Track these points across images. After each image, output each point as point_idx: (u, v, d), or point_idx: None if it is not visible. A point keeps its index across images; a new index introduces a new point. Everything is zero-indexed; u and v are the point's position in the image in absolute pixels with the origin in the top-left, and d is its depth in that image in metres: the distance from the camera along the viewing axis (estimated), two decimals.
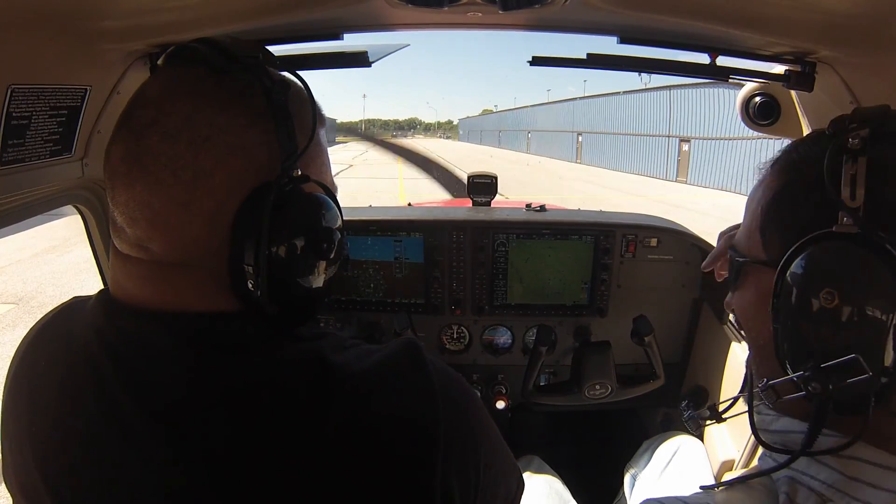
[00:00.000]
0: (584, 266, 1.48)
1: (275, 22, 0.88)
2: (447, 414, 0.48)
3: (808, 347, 0.46)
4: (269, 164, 0.47)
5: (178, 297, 0.47)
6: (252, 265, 0.46)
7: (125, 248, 0.48)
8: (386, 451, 0.45)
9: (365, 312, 1.53)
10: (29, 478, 0.49)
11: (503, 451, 0.58)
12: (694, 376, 1.59)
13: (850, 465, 0.45)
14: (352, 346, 0.52)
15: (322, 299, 0.54)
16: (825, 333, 0.44)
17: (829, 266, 0.44)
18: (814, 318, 0.44)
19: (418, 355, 0.50)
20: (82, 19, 0.71)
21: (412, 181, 17.04)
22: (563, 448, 1.26)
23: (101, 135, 0.88)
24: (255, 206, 0.46)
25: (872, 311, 0.42)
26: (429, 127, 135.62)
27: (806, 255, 0.45)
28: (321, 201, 0.51)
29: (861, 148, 0.44)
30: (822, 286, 0.44)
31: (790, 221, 0.49)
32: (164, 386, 0.46)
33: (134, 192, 0.45)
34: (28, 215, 0.84)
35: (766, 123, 1.09)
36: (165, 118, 0.46)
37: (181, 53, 0.50)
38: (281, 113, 0.48)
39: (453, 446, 0.48)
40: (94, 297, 0.53)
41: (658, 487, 1.26)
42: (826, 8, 0.69)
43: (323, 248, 0.50)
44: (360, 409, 0.46)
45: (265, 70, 0.49)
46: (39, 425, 0.50)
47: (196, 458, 0.44)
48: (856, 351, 0.42)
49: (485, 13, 0.86)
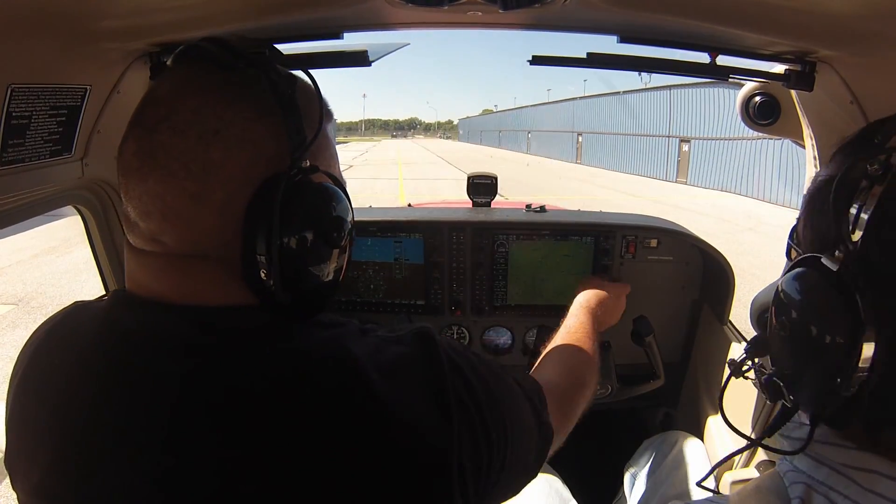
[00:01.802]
0: (584, 267, 1.48)
1: (275, 21, 0.88)
2: (459, 416, 0.49)
3: (775, 357, 0.50)
4: (278, 156, 0.48)
5: (193, 288, 0.48)
6: (265, 255, 0.47)
7: (139, 242, 0.49)
8: (399, 454, 0.46)
9: (365, 313, 1.53)
10: (46, 480, 0.49)
11: (520, 427, 0.59)
12: (694, 376, 1.59)
13: (868, 478, 0.44)
14: (369, 332, 0.53)
15: (334, 289, 0.55)
16: (780, 351, 0.48)
17: (797, 294, 0.45)
18: (777, 334, 0.47)
19: (433, 352, 0.52)
20: (82, 19, 0.71)
21: (412, 182, 17.03)
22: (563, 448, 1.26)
23: (101, 134, 0.87)
24: (266, 196, 0.47)
25: (817, 346, 0.43)
26: (429, 127, 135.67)
27: (792, 276, 0.46)
28: (331, 191, 0.53)
29: (881, 174, 0.40)
30: (787, 310, 0.46)
31: (817, 224, 0.48)
32: (185, 376, 0.46)
33: (147, 186, 0.47)
34: (28, 215, 0.84)
35: (766, 123, 1.09)
36: (175, 114, 0.47)
37: (189, 52, 0.51)
38: (288, 106, 0.49)
39: (464, 441, 0.49)
40: (109, 296, 0.53)
41: (658, 487, 1.26)
42: (826, 8, 0.69)
43: (334, 237, 0.51)
44: (376, 406, 0.46)
45: (271, 65, 0.50)
46: (55, 427, 0.49)
47: (219, 451, 0.44)
48: (796, 375, 0.46)
49: (485, 12, 0.86)
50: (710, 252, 1.45)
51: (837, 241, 0.42)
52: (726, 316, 1.47)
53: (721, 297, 1.46)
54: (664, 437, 1.40)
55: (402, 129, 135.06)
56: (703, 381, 1.54)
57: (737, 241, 8.01)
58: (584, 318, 1.06)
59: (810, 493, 0.46)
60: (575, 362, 0.92)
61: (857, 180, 0.42)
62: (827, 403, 0.43)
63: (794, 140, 1.07)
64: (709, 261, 1.49)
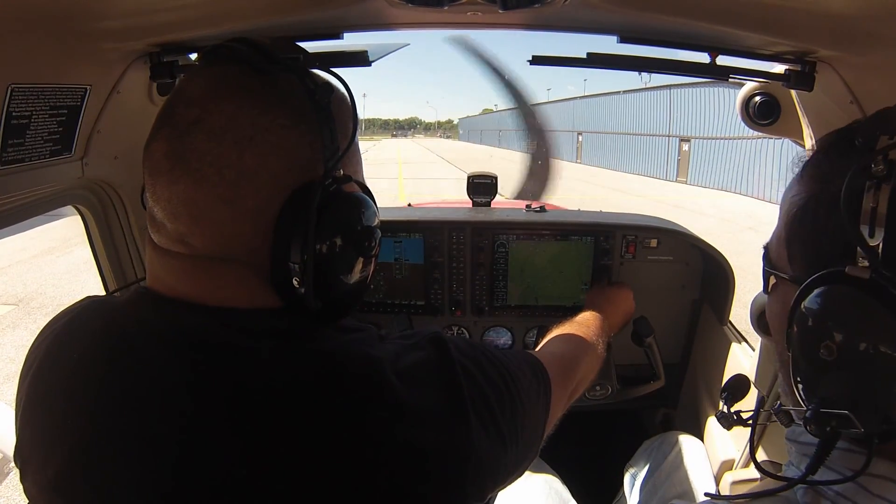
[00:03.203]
0: (583, 267, 1.48)
1: (275, 21, 0.88)
2: (475, 415, 0.51)
3: (812, 387, 0.44)
4: (311, 164, 0.49)
5: (218, 290, 0.48)
6: (298, 263, 0.47)
7: (165, 242, 0.49)
8: (421, 453, 0.47)
9: (365, 313, 1.53)
10: (62, 475, 0.48)
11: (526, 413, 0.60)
12: (694, 377, 1.59)
13: (879, 484, 0.44)
14: (387, 338, 0.54)
15: (361, 294, 0.56)
16: (827, 380, 0.43)
17: (835, 313, 0.42)
18: (818, 362, 0.43)
19: (448, 357, 0.53)
20: (82, 19, 0.71)
21: (412, 181, 17.03)
22: (563, 448, 1.26)
23: (101, 134, 0.87)
24: (299, 205, 0.47)
25: (876, 364, 0.40)
26: (429, 126, 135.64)
27: (816, 295, 0.43)
28: (363, 200, 0.53)
29: (887, 173, 0.39)
30: (827, 333, 0.42)
31: (812, 241, 0.46)
32: (210, 376, 0.46)
33: (177, 189, 0.46)
34: (28, 215, 0.84)
35: (766, 123, 1.09)
36: (210, 117, 0.46)
37: (221, 52, 0.51)
38: (324, 115, 0.49)
39: (480, 437, 0.51)
40: (131, 292, 0.53)
41: (658, 487, 1.26)
42: (826, 8, 0.69)
43: (366, 246, 0.52)
44: (396, 410, 0.47)
45: (307, 72, 0.51)
46: (76, 422, 0.49)
47: (243, 449, 0.44)
48: (858, 399, 0.41)
49: (485, 12, 0.85)
50: (710, 252, 1.45)
51: (849, 249, 0.41)
52: (726, 316, 1.47)
53: (721, 297, 1.46)
54: (664, 438, 1.40)
55: (402, 129, 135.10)
56: (703, 381, 1.54)
57: (737, 240, 8.01)
58: (592, 318, 1.06)
59: (818, 499, 0.46)
60: (577, 343, 0.93)
61: (860, 184, 0.40)
62: (894, 418, 0.41)
63: (794, 140, 1.07)
64: (709, 261, 1.49)
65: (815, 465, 0.46)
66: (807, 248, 0.47)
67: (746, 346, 1.40)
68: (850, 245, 0.41)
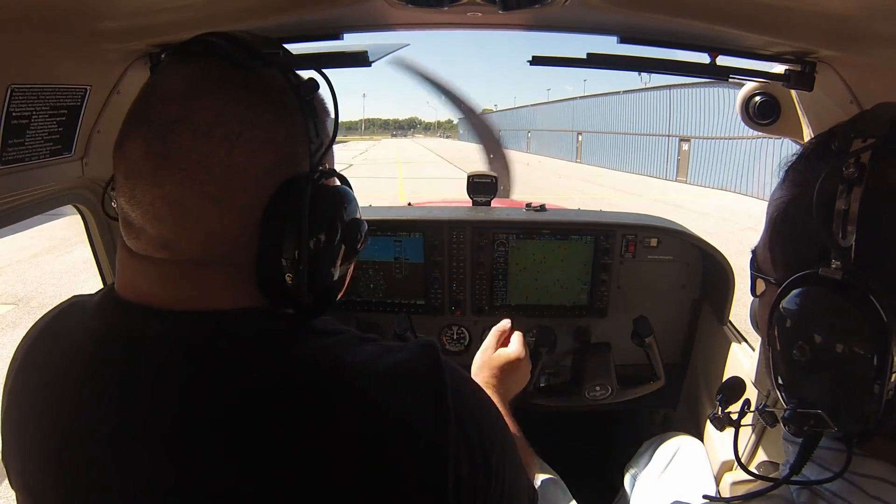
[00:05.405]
0: (583, 266, 1.48)
1: (275, 22, 0.88)
2: (458, 429, 0.47)
3: (791, 387, 0.46)
4: (297, 158, 0.48)
5: (200, 295, 0.47)
6: (291, 258, 0.46)
7: (145, 248, 0.47)
8: (395, 464, 0.45)
9: (365, 313, 1.53)
10: (37, 480, 0.48)
11: (516, 466, 0.57)
12: (694, 377, 1.59)
13: (875, 485, 0.44)
14: (370, 341, 0.51)
15: (342, 288, 0.55)
16: (803, 379, 0.44)
17: (808, 314, 0.43)
18: (794, 362, 0.44)
19: (436, 362, 0.50)
20: (82, 19, 0.71)
21: (412, 181, 17.03)
22: (563, 448, 1.26)
23: (101, 134, 0.87)
24: (287, 199, 0.46)
25: (848, 364, 0.41)
26: (429, 126, 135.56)
27: (791, 297, 0.44)
28: (347, 193, 0.53)
29: (858, 176, 0.40)
30: (801, 334, 0.43)
31: (791, 244, 0.47)
32: (187, 382, 0.45)
33: (163, 190, 0.44)
34: (28, 215, 0.84)
35: (766, 123, 1.09)
36: (194, 114, 0.45)
37: (196, 46, 0.49)
38: (308, 109, 0.49)
39: (462, 458, 0.47)
40: (98, 297, 0.52)
41: (658, 488, 1.26)
42: (826, 8, 0.69)
43: (355, 238, 0.52)
44: (370, 415, 0.45)
45: (290, 66, 0.50)
46: (51, 429, 0.48)
47: (221, 457, 0.44)
48: (832, 399, 0.42)
49: (485, 13, 0.86)
50: (710, 251, 1.45)
51: (825, 252, 0.41)
52: (726, 316, 1.47)
53: (721, 296, 1.46)
54: (664, 438, 1.40)
55: (401, 129, 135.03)
56: (703, 381, 1.54)
57: (738, 239, 8.01)
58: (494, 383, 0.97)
59: (815, 500, 0.46)
60: None
61: (833, 187, 0.41)
62: (869, 417, 0.41)
63: (794, 140, 1.07)
64: (709, 260, 1.49)
65: (799, 464, 0.47)
66: (786, 252, 0.47)
67: (746, 346, 1.40)
68: (826, 247, 0.42)
